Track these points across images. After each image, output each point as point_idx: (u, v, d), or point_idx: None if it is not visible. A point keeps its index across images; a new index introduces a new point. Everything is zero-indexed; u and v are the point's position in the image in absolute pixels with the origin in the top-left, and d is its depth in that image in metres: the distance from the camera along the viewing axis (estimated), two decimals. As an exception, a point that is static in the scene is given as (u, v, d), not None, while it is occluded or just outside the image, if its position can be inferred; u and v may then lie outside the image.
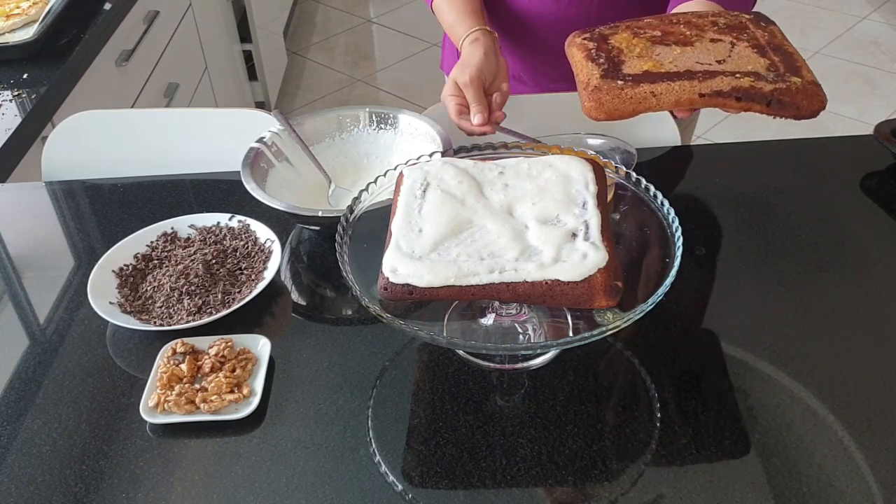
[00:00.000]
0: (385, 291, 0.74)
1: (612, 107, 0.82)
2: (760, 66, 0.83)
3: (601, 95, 0.82)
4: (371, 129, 1.14)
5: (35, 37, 1.55)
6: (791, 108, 0.81)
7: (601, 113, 0.83)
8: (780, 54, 0.85)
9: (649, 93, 0.81)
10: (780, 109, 0.81)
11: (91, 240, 1.09)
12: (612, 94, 0.82)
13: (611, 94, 0.82)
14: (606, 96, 0.82)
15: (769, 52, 0.85)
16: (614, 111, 0.82)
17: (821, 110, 0.82)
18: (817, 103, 0.81)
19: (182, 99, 2.21)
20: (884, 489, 0.72)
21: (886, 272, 0.95)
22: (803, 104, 0.81)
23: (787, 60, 0.84)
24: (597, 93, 0.82)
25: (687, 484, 0.73)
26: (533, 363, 0.85)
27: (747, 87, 0.80)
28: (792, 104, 0.80)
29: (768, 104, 0.80)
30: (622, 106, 0.82)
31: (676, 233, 0.78)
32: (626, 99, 0.81)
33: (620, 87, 0.82)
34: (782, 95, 0.80)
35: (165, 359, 0.85)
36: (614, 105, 0.82)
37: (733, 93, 0.80)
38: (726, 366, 0.84)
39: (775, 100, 0.80)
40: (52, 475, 0.77)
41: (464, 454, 0.76)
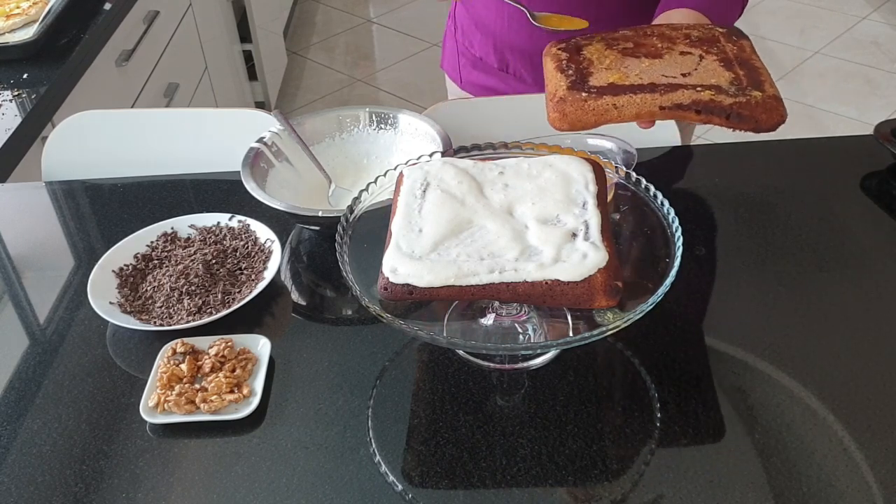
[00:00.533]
0: (385, 291, 0.74)
1: (575, 118, 0.84)
2: (724, 80, 0.84)
3: (565, 107, 0.84)
4: (371, 129, 1.14)
5: (35, 37, 1.55)
6: (750, 122, 0.82)
7: (564, 123, 0.85)
8: (745, 68, 0.86)
9: (611, 105, 0.83)
10: (739, 122, 0.82)
11: (91, 240, 1.09)
12: (576, 105, 0.84)
13: (574, 106, 0.84)
14: (570, 107, 0.84)
15: (735, 66, 0.86)
16: (577, 122, 0.84)
17: (780, 124, 0.83)
18: (776, 117, 0.82)
19: (182, 99, 2.22)
20: (884, 489, 0.72)
21: (886, 272, 0.95)
22: (762, 118, 0.82)
23: (752, 75, 0.85)
24: (561, 104, 0.84)
25: (687, 484, 0.73)
26: (533, 363, 0.85)
27: (707, 100, 0.82)
28: (751, 118, 0.81)
29: (727, 117, 0.82)
30: (584, 117, 0.84)
31: (676, 233, 0.78)
32: (589, 110, 0.83)
33: (584, 99, 0.84)
34: (741, 109, 0.81)
35: (165, 359, 0.85)
36: (577, 116, 0.84)
37: (693, 106, 0.82)
38: (726, 366, 0.84)
39: (734, 113, 0.81)
40: (52, 475, 0.77)
41: (464, 454, 0.76)
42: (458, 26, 1.37)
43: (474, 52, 1.34)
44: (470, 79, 1.39)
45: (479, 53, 1.33)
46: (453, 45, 1.40)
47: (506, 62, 1.31)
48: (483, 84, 1.37)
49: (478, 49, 1.33)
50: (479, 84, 1.38)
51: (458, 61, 1.40)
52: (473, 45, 1.34)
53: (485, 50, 1.32)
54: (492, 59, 1.31)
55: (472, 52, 1.35)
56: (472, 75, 1.38)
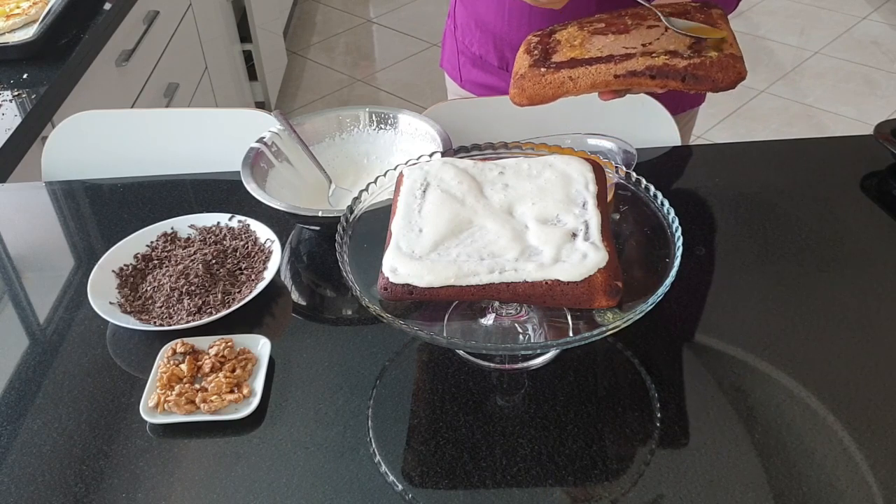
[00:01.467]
0: (385, 291, 0.74)
1: (533, 92, 0.86)
2: (683, 46, 0.84)
3: (524, 82, 0.86)
4: (371, 129, 1.14)
5: (35, 37, 1.55)
6: (707, 82, 0.82)
7: (523, 98, 0.87)
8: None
9: (567, 77, 0.85)
10: (695, 83, 0.82)
11: (91, 240, 1.09)
12: (534, 80, 0.86)
13: (532, 81, 0.86)
14: (528, 83, 0.86)
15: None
16: (535, 96, 0.86)
17: (738, 81, 0.82)
18: (733, 74, 0.82)
19: (182, 99, 2.22)
20: (884, 489, 0.72)
21: (886, 272, 0.95)
22: (718, 76, 0.81)
23: (715, 39, 0.85)
24: (521, 80, 0.87)
25: (687, 484, 0.73)
26: (533, 363, 0.85)
27: (660, 64, 0.82)
28: (707, 77, 0.81)
29: (683, 79, 0.82)
30: (542, 91, 0.86)
31: (676, 233, 0.78)
32: (546, 84, 0.85)
33: (542, 74, 0.86)
34: (696, 70, 0.81)
35: (165, 359, 0.85)
36: (535, 90, 0.86)
37: (647, 71, 0.82)
38: (726, 366, 0.84)
39: (689, 74, 0.81)
40: (52, 475, 0.77)
41: (464, 454, 0.76)
42: (458, 25, 1.37)
43: (474, 51, 1.34)
44: (470, 77, 1.39)
45: (478, 52, 1.33)
46: (453, 44, 1.40)
47: (505, 60, 1.31)
48: (483, 82, 1.37)
49: (477, 47, 1.33)
50: (479, 82, 1.38)
51: (457, 60, 1.40)
52: (473, 43, 1.34)
53: (484, 48, 1.32)
54: (491, 58, 1.31)
55: (471, 50, 1.35)
56: (472, 74, 1.38)
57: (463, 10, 1.34)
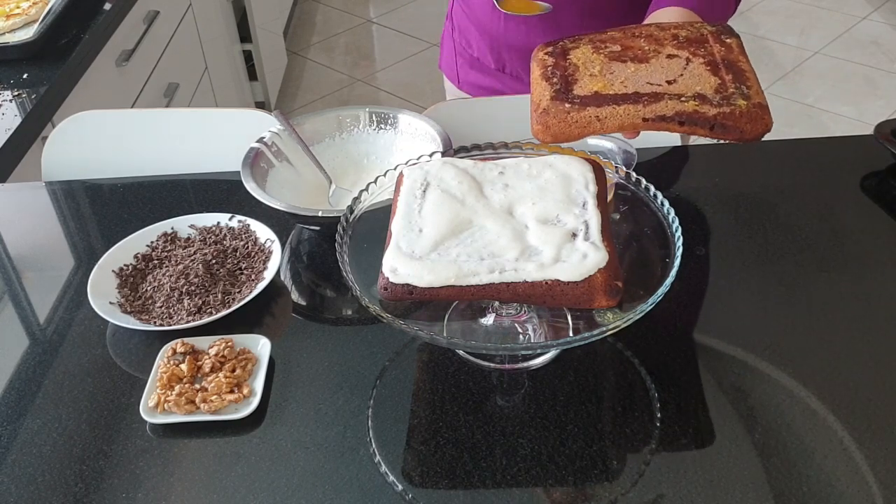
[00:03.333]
0: (385, 291, 0.74)
1: (558, 130, 0.83)
2: (709, 87, 0.82)
3: (548, 119, 0.83)
4: (371, 129, 1.14)
5: (35, 37, 1.55)
6: (734, 132, 0.80)
7: (548, 136, 0.84)
8: (732, 72, 0.84)
9: (594, 117, 0.82)
10: (723, 133, 0.80)
11: (91, 240, 1.09)
12: (559, 118, 0.83)
13: (557, 118, 0.83)
14: (553, 120, 0.83)
15: (721, 70, 0.85)
16: (560, 135, 0.83)
17: (765, 133, 0.81)
18: (761, 127, 0.81)
19: (182, 99, 2.21)
20: (884, 489, 0.72)
21: (886, 272, 0.95)
22: (746, 128, 0.80)
23: (738, 79, 0.84)
24: (544, 116, 0.83)
25: (687, 484, 0.73)
26: (533, 363, 0.85)
27: (690, 111, 0.80)
28: (735, 128, 0.80)
29: (711, 128, 0.80)
30: (568, 130, 0.83)
31: (676, 233, 0.78)
32: (572, 123, 0.82)
33: (567, 111, 0.82)
34: (725, 119, 0.80)
35: (165, 359, 0.85)
36: (560, 129, 0.83)
37: (676, 117, 0.81)
38: (726, 366, 0.84)
39: (718, 124, 0.80)
40: (52, 475, 0.77)
41: (464, 454, 0.76)
42: (456, 26, 1.37)
43: (472, 53, 1.35)
44: (468, 79, 1.39)
45: (476, 54, 1.33)
46: (451, 46, 1.40)
47: (503, 62, 1.31)
48: (481, 84, 1.37)
49: (475, 49, 1.33)
50: (477, 84, 1.38)
51: (455, 61, 1.40)
52: (471, 45, 1.34)
53: (482, 50, 1.32)
54: (489, 60, 1.32)
55: (469, 52, 1.35)
56: (470, 75, 1.38)
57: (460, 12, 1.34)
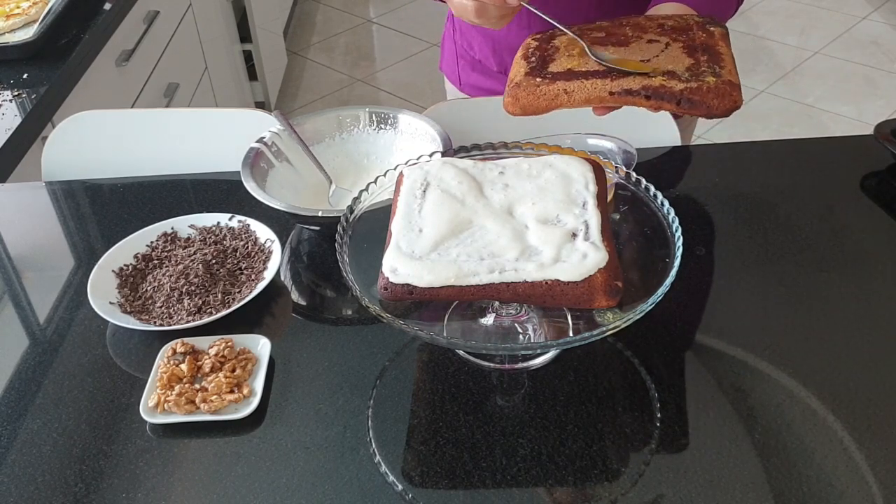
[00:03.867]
0: (385, 291, 0.74)
1: (527, 102, 0.85)
2: (681, 66, 0.83)
3: (518, 91, 0.85)
4: (371, 129, 1.14)
5: (35, 37, 1.55)
6: (701, 107, 0.81)
7: (516, 108, 0.86)
8: (708, 54, 0.85)
9: (562, 90, 0.84)
10: (690, 108, 0.81)
11: (91, 240, 1.09)
12: (529, 90, 0.85)
13: (527, 91, 0.85)
14: (522, 92, 0.85)
15: (698, 53, 0.85)
16: (528, 106, 0.85)
17: (733, 110, 0.82)
18: (728, 102, 0.81)
19: (182, 99, 2.22)
20: (884, 489, 0.72)
21: (886, 272, 0.95)
22: (714, 103, 0.81)
23: (713, 60, 0.84)
24: (515, 89, 0.86)
25: (687, 484, 0.73)
26: (533, 363, 0.85)
27: (657, 85, 0.81)
28: (702, 103, 0.81)
29: (678, 103, 0.81)
30: (536, 102, 0.85)
31: (676, 233, 0.78)
32: (540, 95, 0.84)
33: (536, 84, 0.85)
34: (692, 94, 0.80)
35: (165, 359, 0.85)
36: (528, 101, 0.85)
37: (643, 91, 0.81)
38: (726, 366, 0.84)
39: (685, 98, 0.81)
40: (52, 475, 0.77)
41: (464, 454, 0.76)
42: (457, 28, 1.37)
43: (473, 55, 1.34)
44: (469, 81, 1.39)
45: (478, 56, 1.33)
46: (452, 47, 1.40)
47: (505, 64, 1.31)
48: (482, 86, 1.37)
49: (477, 51, 1.33)
50: (479, 86, 1.38)
51: (456, 63, 1.40)
52: (472, 47, 1.34)
53: (484, 52, 1.32)
54: (491, 62, 1.31)
55: (471, 54, 1.35)
56: (472, 77, 1.38)
57: (462, 13, 1.34)
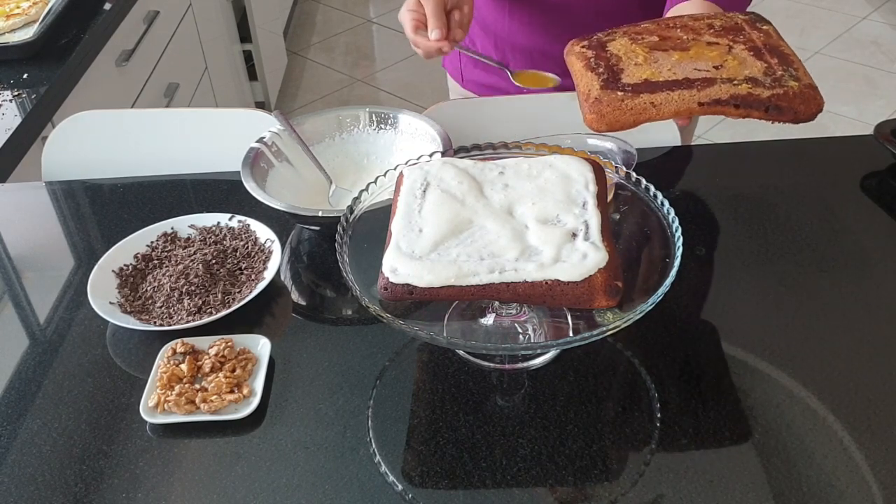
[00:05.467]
0: (385, 291, 0.74)
1: (613, 118, 0.83)
2: (757, 71, 0.83)
3: (602, 107, 0.83)
4: (371, 129, 1.14)
5: (35, 37, 1.55)
6: (789, 113, 0.81)
7: (602, 125, 0.83)
8: (776, 56, 0.85)
9: (649, 103, 0.82)
10: (778, 115, 0.81)
11: (91, 240, 1.09)
12: (613, 105, 0.82)
13: (611, 106, 0.82)
14: (607, 108, 0.83)
15: (766, 55, 0.85)
16: (615, 122, 0.83)
17: (818, 113, 0.82)
18: (814, 107, 0.82)
19: (182, 99, 2.22)
20: (884, 489, 0.72)
21: (886, 272, 0.95)
22: (801, 108, 0.81)
23: (784, 62, 0.85)
24: (597, 104, 0.83)
25: (687, 484, 0.73)
26: (533, 363, 0.85)
27: (745, 94, 0.81)
28: (790, 109, 0.81)
29: (766, 110, 0.81)
30: (622, 117, 0.83)
31: (676, 233, 0.78)
32: (627, 110, 0.82)
33: (620, 99, 0.82)
34: (780, 101, 0.81)
35: (165, 359, 0.85)
36: (615, 117, 0.83)
37: (732, 101, 0.81)
38: (726, 366, 0.84)
39: (773, 105, 0.81)
40: (52, 475, 0.77)
41: (464, 454, 0.76)
42: (459, 26, 1.37)
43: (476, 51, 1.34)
44: (471, 77, 1.39)
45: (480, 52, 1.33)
46: (454, 45, 1.40)
47: (506, 60, 1.31)
48: (485, 82, 1.37)
49: (479, 48, 1.33)
50: (481, 82, 1.38)
51: (459, 60, 1.40)
52: (475, 43, 1.34)
53: (487, 49, 1.32)
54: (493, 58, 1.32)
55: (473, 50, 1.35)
56: (474, 74, 1.38)
57: (464, 11, 1.34)
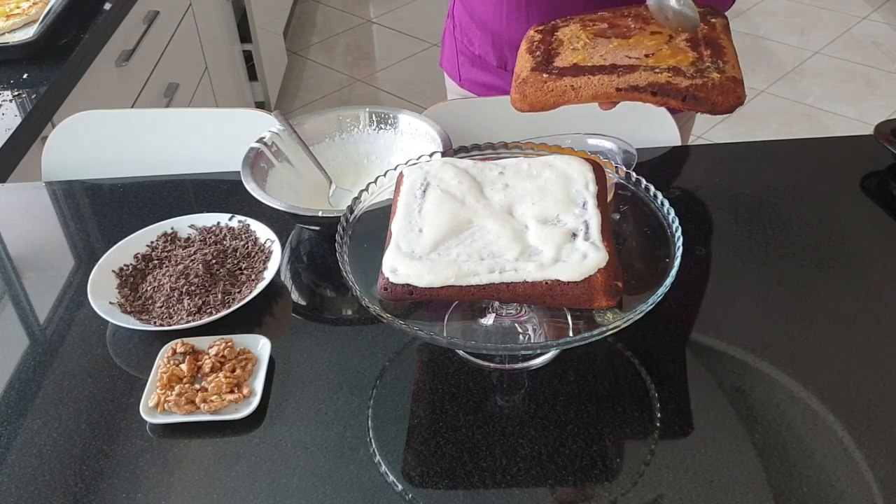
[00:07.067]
0: (385, 291, 0.74)
1: (535, 98, 0.86)
2: (685, 61, 0.84)
3: (525, 87, 0.86)
4: (371, 129, 1.14)
5: (35, 37, 1.55)
6: (706, 104, 0.82)
7: (525, 104, 0.87)
8: (711, 47, 0.86)
9: (569, 86, 0.85)
10: (695, 104, 0.82)
11: (91, 240, 1.09)
12: (536, 86, 0.86)
13: (534, 87, 0.86)
14: (530, 88, 0.86)
15: (701, 46, 0.86)
16: (536, 103, 0.86)
17: (737, 106, 0.83)
18: (733, 99, 0.82)
19: (182, 99, 2.22)
20: (884, 489, 0.72)
21: (886, 272, 0.95)
22: (718, 100, 0.82)
23: (716, 55, 0.85)
24: (522, 85, 0.86)
25: (687, 484, 0.73)
26: (533, 363, 0.85)
27: (663, 82, 0.82)
28: (707, 100, 0.82)
29: (683, 99, 0.82)
30: (544, 98, 0.86)
31: (676, 233, 0.78)
32: (548, 91, 0.85)
33: (544, 81, 0.85)
34: (697, 91, 0.81)
35: (165, 359, 0.85)
36: (536, 97, 0.86)
37: (649, 88, 0.82)
38: (726, 366, 0.84)
39: (690, 95, 0.82)
40: (52, 475, 0.77)
41: (464, 454, 0.76)
42: (457, 24, 1.37)
43: (473, 50, 1.34)
44: (469, 76, 1.39)
45: (477, 51, 1.33)
46: (452, 44, 1.40)
47: (504, 59, 1.31)
48: (482, 81, 1.37)
49: (477, 47, 1.33)
50: (479, 81, 1.38)
51: (456, 59, 1.40)
52: (472, 42, 1.34)
53: (483, 47, 1.32)
54: (491, 57, 1.31)
55: (470, 49, 1.35)
56: (471, 73, 1.38)
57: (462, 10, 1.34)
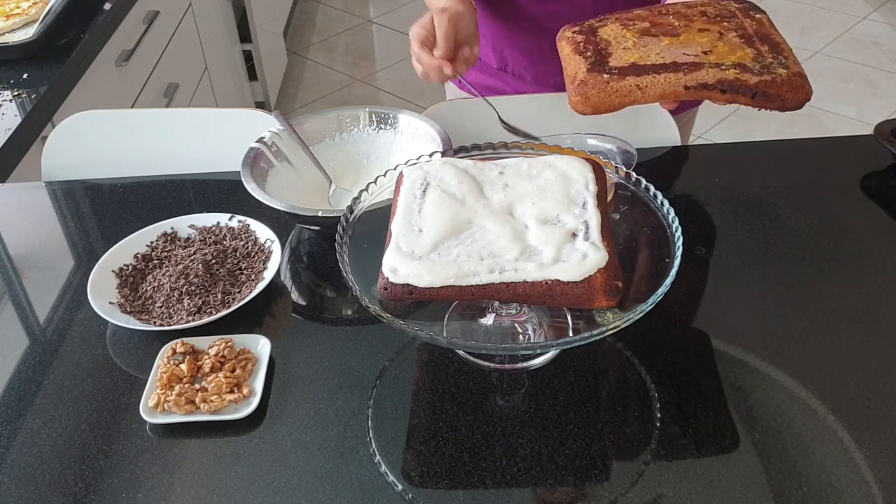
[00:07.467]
0: (385, 291, 0.74)
1: (598, 101, 0.82)
2: (747, 57, 0.83)
3: (587, 90, 0.82)
4: (371, 129, 1.14)
5: (35, 37, 1.55)
6: (776, 100, 0.81)
7: (587, 107, 0.83)
8: (767, 43, 0.85)
9: (634, 86, 0.81)
10: (765, 101, 0.81)
11: (91, 240, 1.09)
12: (598, 87, 0.82)
13: (597, 88, 0.82)
14: (592, 90, 0.82)
15: (756, 42, 0.85)
16: (600, 105, 0.82)
17: (805, 102, 0.82)
18: (802, 95, 0.81)
19: (182, 99, 2.22)
20: (884, 489, 0.72)
21: (886, 272, 0.95)
22: (788, 96, 0.80)
23: (774, 50, 0.84)
24: (583, 87, 0.82)
25: (687, 484, 0.73)
26: (533, 363, 0.85)
27: (732, 79, 0.80)
28: (777, 96, 0.80)
29: (753, 96, 0.80)
30: (608, 99, 0.82)
31: (676, 233, 0.78)
32: (612, 92, 0.82)
33: (606, 81, 0.82)
34: (767, 87, 0.80)
35: (165, 359, 0.85)
36: (600, 99, 0.82)
37: (718, 85, 0.80)
38: (726, 366, 0.84)
39: (760, 92, 0.80)
40: (52, 475, 0.77)
41: (464, 454, 0.76)
42: (458, 26, 1.37)
43: (474, 52, 1.34)
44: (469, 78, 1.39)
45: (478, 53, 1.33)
46: (453, 45, 1.40)
47: (504, 61, 1.31)
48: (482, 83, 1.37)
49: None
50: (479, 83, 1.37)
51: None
52: None
53: (484, 49, 1.32)
54: (491, 59, 1.31)
55: (471, 51, 1.35)
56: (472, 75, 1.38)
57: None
